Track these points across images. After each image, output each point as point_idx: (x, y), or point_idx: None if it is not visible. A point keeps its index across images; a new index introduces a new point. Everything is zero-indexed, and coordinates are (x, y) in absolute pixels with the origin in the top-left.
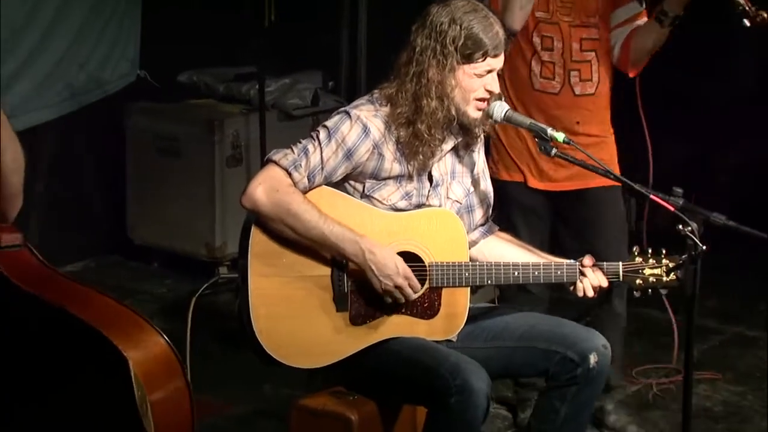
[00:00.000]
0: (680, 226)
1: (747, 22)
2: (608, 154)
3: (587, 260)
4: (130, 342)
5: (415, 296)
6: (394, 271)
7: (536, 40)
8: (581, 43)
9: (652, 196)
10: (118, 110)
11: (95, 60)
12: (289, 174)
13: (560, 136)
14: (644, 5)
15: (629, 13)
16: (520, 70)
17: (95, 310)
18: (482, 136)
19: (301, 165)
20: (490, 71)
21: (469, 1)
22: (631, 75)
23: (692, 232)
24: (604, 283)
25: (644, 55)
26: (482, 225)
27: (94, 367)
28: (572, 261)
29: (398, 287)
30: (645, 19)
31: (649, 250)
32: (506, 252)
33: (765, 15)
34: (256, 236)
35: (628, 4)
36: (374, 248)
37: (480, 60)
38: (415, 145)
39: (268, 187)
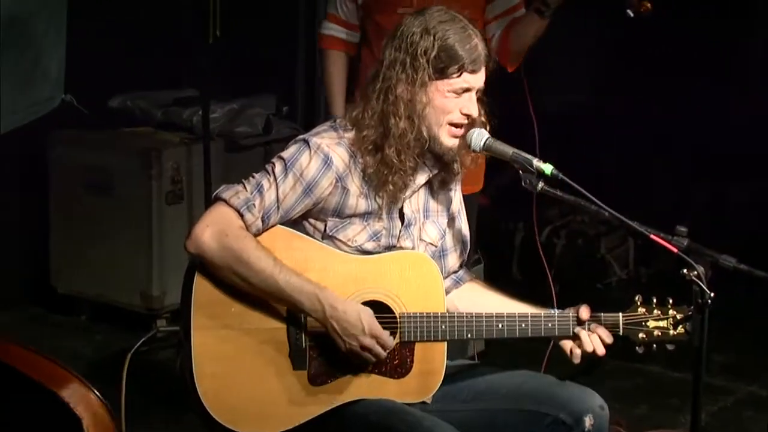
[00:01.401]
0: (685, 271)
1: (630, 13)
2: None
3: (584, 311)
4: (77, 401)
5: (384, 356)
6: (360, 330)
7: None
8: None
9: (652, 236)
10: (40, 140)
11: (12, 81)
12: (241, 215)
13: (547, 168)
14: (540, 11)
15: (506, 4)
16: None
17: (34, 367)
18: (461, 172)
19: (254, 204)
20: (467, 90)
21: (446, 11)
22: (510, 70)
23: (698, 277)
24: (608, 339)
25: (524, 49)
26: (456, 272)
27: (46, 427)
28: (565, 311)
29: (365, 348)
30: (522, 10)
31: (654, 299)
32: (486, 301)
33: (649, 5)
34: (201, 284)
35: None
36: (336, 303)
37: (455, 75)
38: (384, 174)
39: (216, 231)
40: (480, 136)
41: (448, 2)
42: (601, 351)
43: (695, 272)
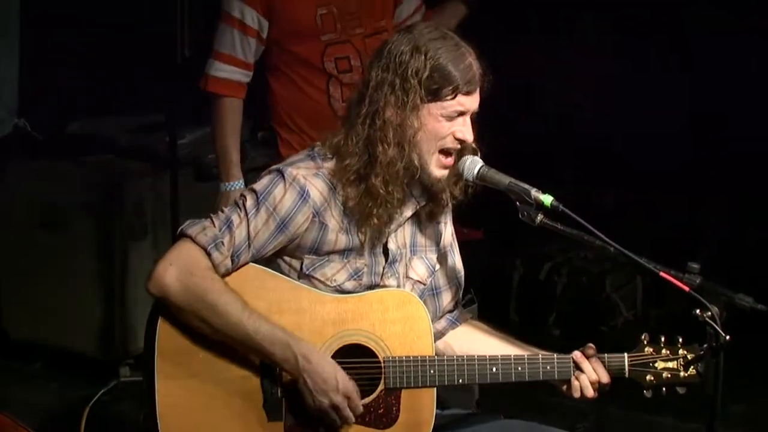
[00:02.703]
0: (698, 311)
1: None
2: None
3: (588, 351)
4: None
5: (353, 420)
6: (333, 386)
7: (329, 64)
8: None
9: (662, 274)
10: None
11: None
12: (208, 254)
13: (547, 199)
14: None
15: (415, 3)
16: (312, 98)
17: None
18: (451, 204)
19: (222, 242)
20: (461, 113)
21: (436, 28)
22: None
23: (712, 317)
24: (606, 379)
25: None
26: (451, 311)
27: None
28: (565, 354)
29: (334, 407)
30: (422, 11)
31: (662, 338)
32: (482, 344)
33: None
34: (165, 329)
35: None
36: (311, 355)
37: (449, 97)
38: (368, 206)
39: (180, 270)
40: (473, 165)
41: (365, 19)
42: (605, 379)
43: (709, 313)
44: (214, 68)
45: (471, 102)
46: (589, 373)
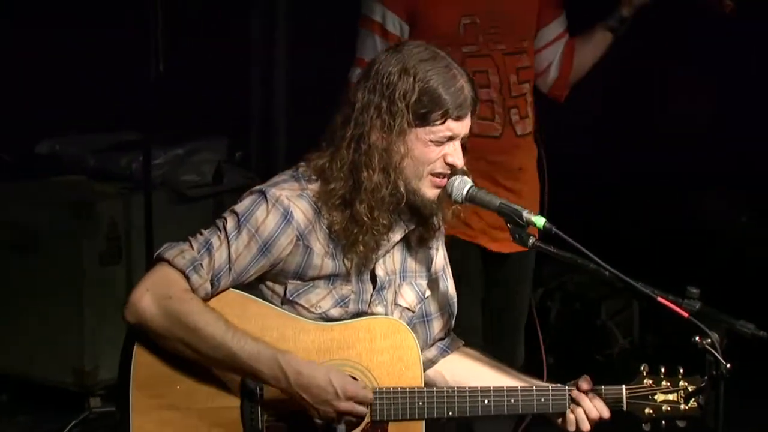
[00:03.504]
0: (697, 338)
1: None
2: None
3: (583, 384)
4: None
5: (367, 412)
6: (333, 394)
7: None
8: (518, 73)
9: (659, 299)
10: None
11: None
12: (187, 277)
13: (539, 220)
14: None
15: (558, 29)
16: None
17: None
18: (442, 227)
19: (202, 265)
20: (451, 138)
21: (426, 48)
22: (561, 100)
23: (713, 345)
24: (605, 414)
25: (583, 74)
26: (442, 339)
27: None
28: (560, 385)
29: (344, 413)
30: (566, 38)
31: (662, 369)
32: (474, 372)
33: (731, 3)
34: (141, 357)
35: (556, 20)
36: (301, 367)
37: (438, 122)
38: (353, 232)
39: (158, 294)
40: (462, 185)
41: (507, 35)
42: (605, 414)
43: (709, 340)
44: (356, 76)
45: (461, 127)
46: (589, 411)
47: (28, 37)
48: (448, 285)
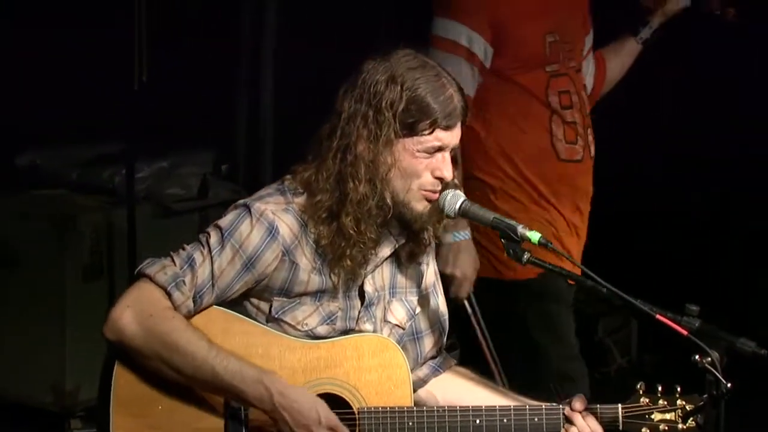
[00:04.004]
0: (697, 357)
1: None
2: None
3: (577, 403)
4: None
5: None
6: (315, 420)
7: (553, 98)
8: (585, 90)
9: (658, 317)
10: None
11: None
12: (169, 294)
13: (534, 235)
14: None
15: (591, 42)
16: (533, 138)
17: None
18: (433, 242)
19: (184, 281)
20: (440, 149)
21: (416, 56)
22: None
23: (712, 364)
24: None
25: (611, 87)
26: (434, 358)
27: None
28: (554, 404)
29: None
30: (592, 52)
31: (659, 388)
32: (467, 392)
33: (732, 10)
34: (122, 377)
35: (590, 32)
36: (286, 389)
37: (426, 132)
38: (341, 246)
39: (138, 311)
40: (455, 199)
41: (576, 51)
42: None
43: (708, 359)
44: None
45: (450, 137)
46: (582, 430)
47: (6, 45)
48: (439, 301)
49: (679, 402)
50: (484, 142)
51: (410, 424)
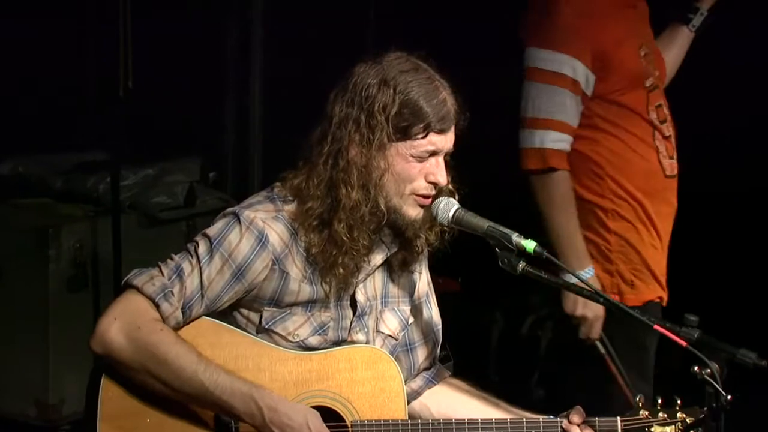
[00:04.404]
0: (696, 368)
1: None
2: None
3: (575, 416)
4: None
5: None
6: None
7: (653, 114)
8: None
9: (656, 327)
10: None
11: None
12: (157, 305)
13: (530, 244)
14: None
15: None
16: (642, 156)
17: None
18: (426, 250)
19: (172, 292)
20: (433, 153)
21: (408, 59)
22: None
23: (712, 375)
24: None
25: (670, 79)
26: (427, 369)
27: None
28: (552, 417)
29: None
30: None
31: (658, 400)
32: (461, 405)
33: None
34: (109, 390)
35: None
36: (277, 404)
37: (420, 136)
38: (332, 254)
39: (126, 324)
40: (448, 207)
41: (657, 60)
42: None
43: (708, 370)
44: (550, 140)
45: (444, 141)
46: None
47: None
48: (432, 311)
49: (679, 415)
50: (593, 165)
51: None
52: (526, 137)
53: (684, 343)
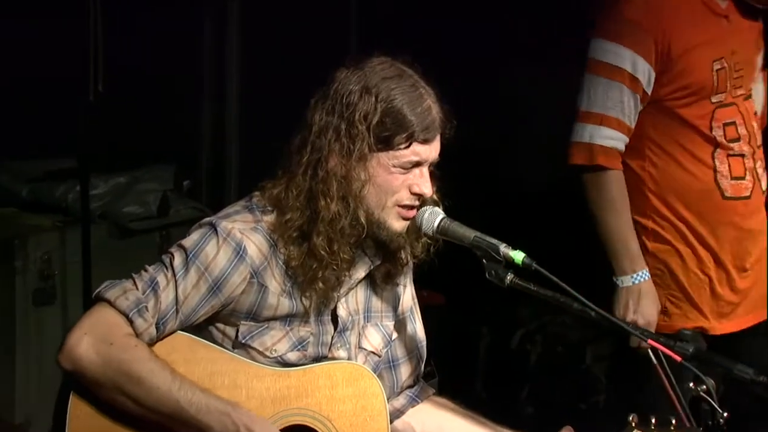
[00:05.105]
0: (691, 384)
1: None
2: None
3: None
4: None
5: None
6: None
7: (717, 131)
8: (755, 119)
9: (650, 342)
10: None
11: None
12: (130, 320)
13: (518, 255)
14: None
15: (762, 59)
16: (695, 176)
17: None
18: (411, 262)
19: (147, 307)
20: (417, 164)
21: (392, 64)
22: None
23: (708, 392)
24: None
25: None
26: (411, 387)
27: None
28: None
29: None
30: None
31: (652, 419)
32: (447, 424)
33: None
34: (78, 408)
35: (762, 48)
36: (253, 423)
37: (403, 146)
38: (312, 268)
39: (97, 339)
40: (433, 217)
41: (746, 78)
42: None
43: (704, 386)
44: (601, 136)
45: (428, 151)
46: None
47: None
48: (417, 326)
49: None
50: (636, 179)
51: None
52: (576, 130)
53: (679, 358)
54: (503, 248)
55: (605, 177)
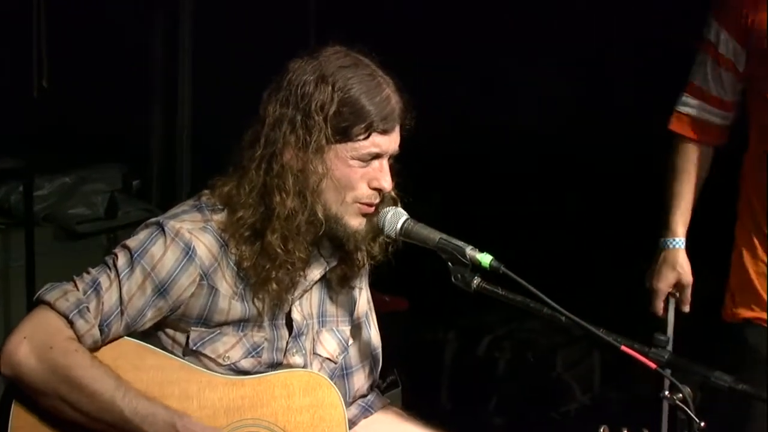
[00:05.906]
0: (667, 393)
1: None
2: None
3: None
4: None
5: None
6: None
7: None
8: None
9: (623, 348)
10: None
11: None
12: (71, 322)
13: (485, 258)
14: None
15: None
16: None
17: None
18: (367, 265)
19: (88, 308)
20: (377, 156)
21: (348, 54)
22: None
23: (684, 400)
24: None
25: None
26: (364, 396)
27: None
28: None
29: None
30: None
31: (624, 431)
32: None
33: None
34: (20, 418)
35: None
36: None
37: (361, 137)
38: (265, 268)
39: (37, 344)
40: (396, 217)
41: None
42: None
43: (680, 395)
44: (681, 102)
45: (388, 142)
46: None
47: None
48: (371, 332)
49: None
50: (742, 172)
51: None
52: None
53: (654, 366)
54: (469, 251)
55: (677, 144)
